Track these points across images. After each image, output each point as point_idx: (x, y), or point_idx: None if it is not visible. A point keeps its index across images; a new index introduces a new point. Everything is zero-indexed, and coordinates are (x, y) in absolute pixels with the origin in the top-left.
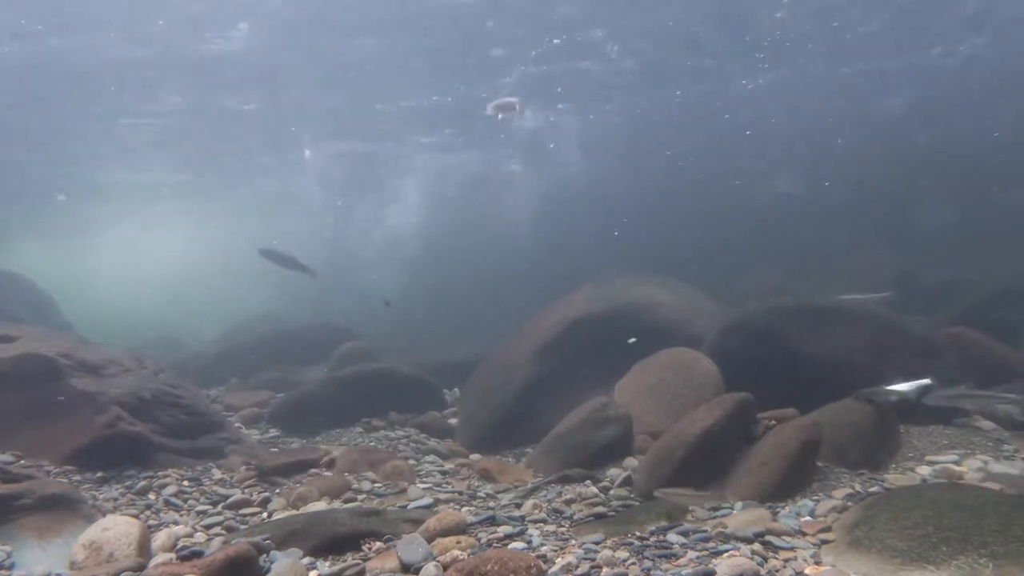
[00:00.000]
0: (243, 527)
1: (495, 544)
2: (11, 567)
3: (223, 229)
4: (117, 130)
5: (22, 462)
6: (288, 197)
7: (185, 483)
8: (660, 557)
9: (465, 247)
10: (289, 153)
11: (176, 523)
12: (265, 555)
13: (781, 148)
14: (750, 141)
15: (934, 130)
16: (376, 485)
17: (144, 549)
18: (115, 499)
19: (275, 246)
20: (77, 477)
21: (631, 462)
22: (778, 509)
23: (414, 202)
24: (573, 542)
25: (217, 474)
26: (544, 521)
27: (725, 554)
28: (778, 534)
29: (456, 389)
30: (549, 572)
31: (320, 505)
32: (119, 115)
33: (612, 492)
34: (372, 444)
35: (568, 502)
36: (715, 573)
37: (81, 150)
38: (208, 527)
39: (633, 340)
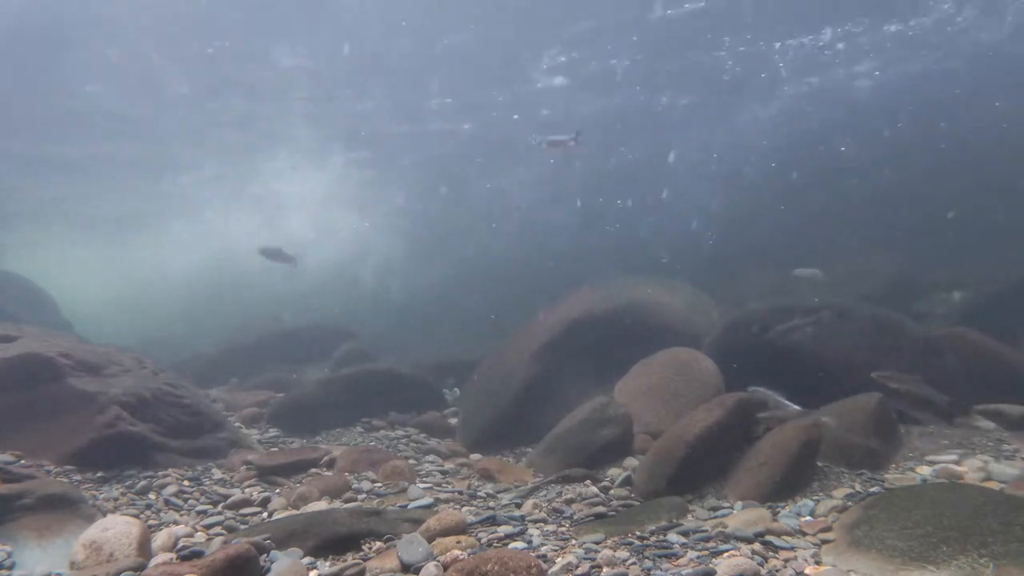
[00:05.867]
0: (243, 527)
1: (495, 544)
2: (11, 567)
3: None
4: None
5: (22, 462)
6: None
7: (185, 483)
8: (660, 557)
9: None
10: None
11: (176, 523)
12: (265, 555)
13: None
14: None
15: None
16: (376, 485)
17: (144, 549)
18: (115, 499)
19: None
20: (77, 477)
21: (631, 462)
22: (778, 509)
23: None
24: (573, 542)
25: (217, 474)
26: (544, 521)
27: (725, 554)
28: (778, 534)
29: (456, 389)
30: (549, 572)
31: (320, 505)
32: None
33: (612, 492)
34: (372, 444)
35: (568, 502)
36: (715, 573)
37: None
38: (208, 527)
39: None
